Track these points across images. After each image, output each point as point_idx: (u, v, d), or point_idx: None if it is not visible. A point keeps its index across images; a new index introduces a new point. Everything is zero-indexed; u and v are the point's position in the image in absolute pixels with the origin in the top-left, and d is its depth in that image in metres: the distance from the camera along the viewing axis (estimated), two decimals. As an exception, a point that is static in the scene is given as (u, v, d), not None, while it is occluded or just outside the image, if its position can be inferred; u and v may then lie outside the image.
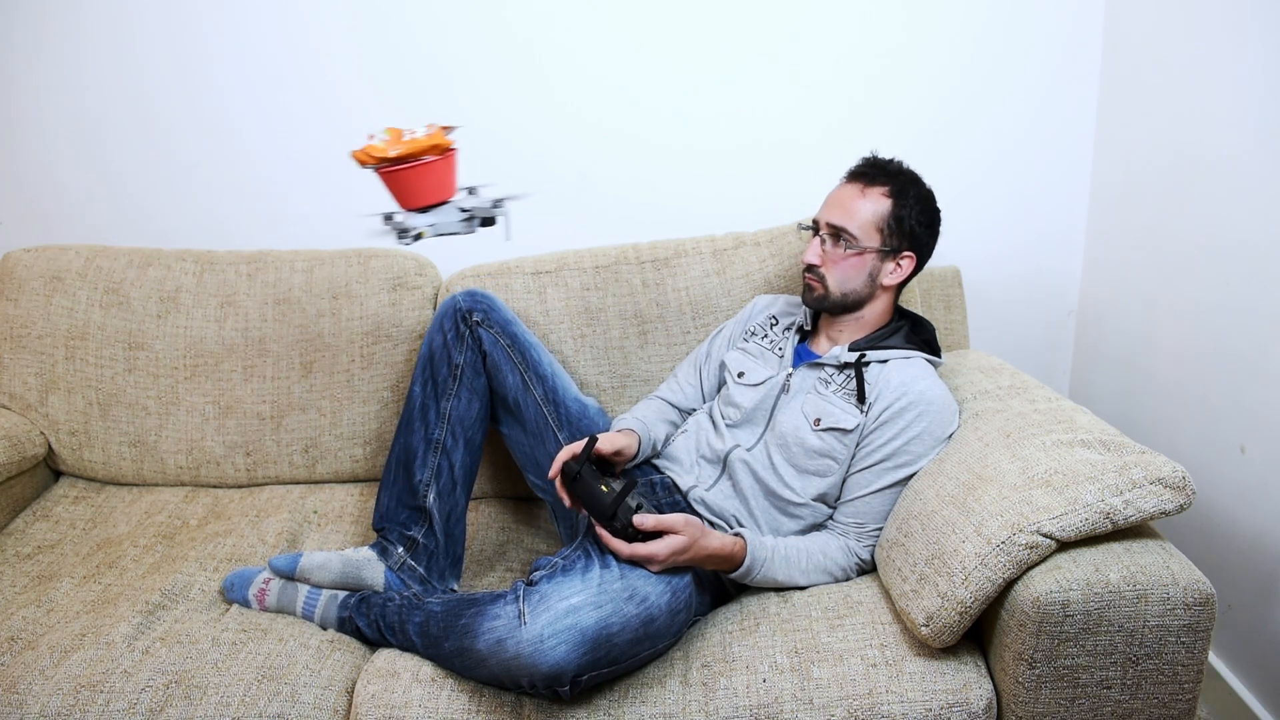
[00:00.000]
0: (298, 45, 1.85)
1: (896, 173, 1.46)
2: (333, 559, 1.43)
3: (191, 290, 1.78)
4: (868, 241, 1.43)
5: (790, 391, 1.46)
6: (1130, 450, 1.21)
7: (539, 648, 1.11)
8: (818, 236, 1.47)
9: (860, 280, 1.45)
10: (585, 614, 1.14)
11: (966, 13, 1.82)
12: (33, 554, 1.56)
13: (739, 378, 1.52)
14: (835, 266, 1.44)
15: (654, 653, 1.22)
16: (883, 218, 1.43)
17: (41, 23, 1.86)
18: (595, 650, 1.13)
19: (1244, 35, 1.44)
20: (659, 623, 1.20)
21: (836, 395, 1.42)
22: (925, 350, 1.46)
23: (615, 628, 1.15)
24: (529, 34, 1.81)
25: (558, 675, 1.11)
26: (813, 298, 1.48)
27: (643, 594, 1.19)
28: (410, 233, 1.26)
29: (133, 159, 1.93)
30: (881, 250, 1.43)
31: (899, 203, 1.43)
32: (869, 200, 1.43)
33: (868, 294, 1.46)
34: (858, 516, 1.39)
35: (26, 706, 1.20)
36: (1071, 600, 1.09)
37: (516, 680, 1.15)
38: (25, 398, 1.76)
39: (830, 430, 1.39)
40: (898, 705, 1.15)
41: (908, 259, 1.45)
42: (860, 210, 1.43)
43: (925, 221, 1.45)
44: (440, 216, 1.28)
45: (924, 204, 1.45)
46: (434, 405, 1.51)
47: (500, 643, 1.14)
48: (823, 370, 1.45)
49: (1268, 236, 1.40)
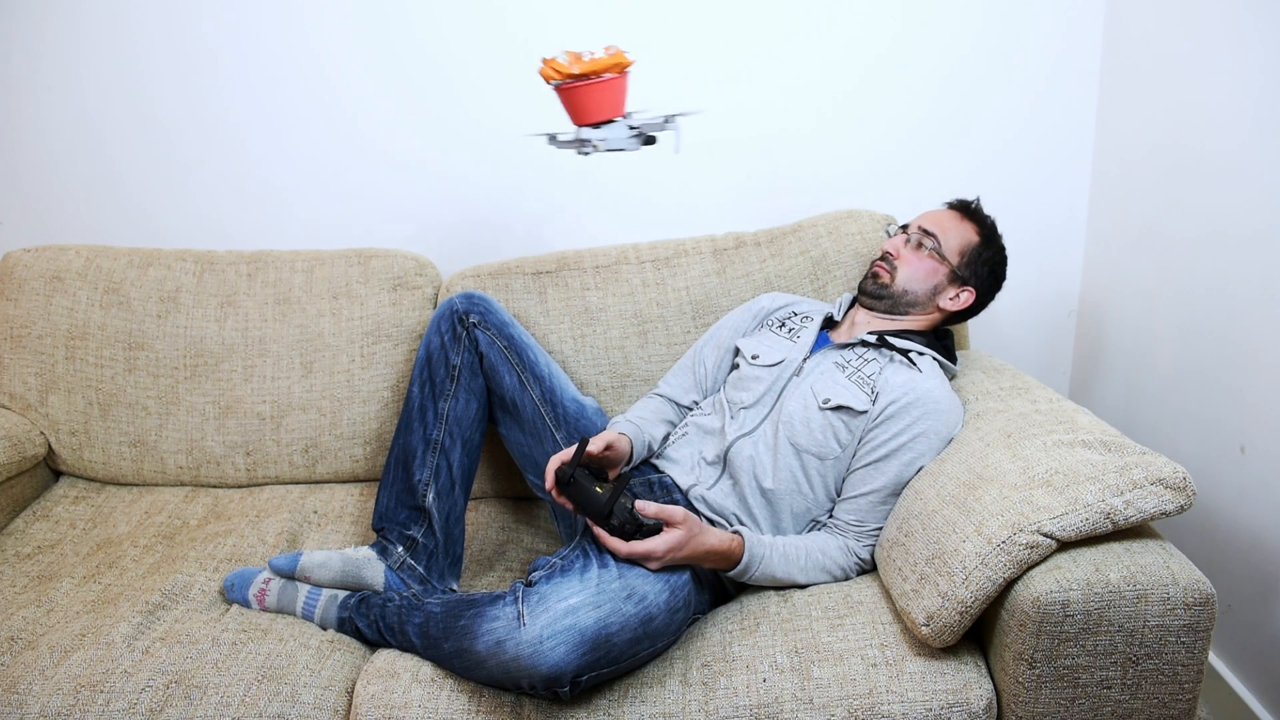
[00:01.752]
0: (298, 45, 1.85)
1: (989, 221, 1.57)
2: (333, 558, 1.43)
3: (191, 290, 1.78)
4: (950, 255, 1.52)
5: (802, 375, 1.47)
6: (1131, 451, 1.21)
7: (538, 649, 1.11)
8: (905, 234, 1.56)
9: (925, 287, 1.52)
10: (584, 614, 1.14)
11: (965, 8, 1.82)
12: (33, 554, 1.56)
13: (753, 359, 1.52)
14: (910, 263, 1.53)
15: (653, 651, 1.22)
16: (970, 246, 1.53)
17: (42, 22, 1.86)
18: (595, 650, 1.13)
19: (1244, 32, 1.44)
20: (658, 621, 1.20)
21: (850, 380, 1.43)
22: (941, 352, 1.50)
23: (614, 627, 1.15)
24: (526, 34, 1.81)
25: (557, 676, 1.11)
26: (877, 284, 1.53)
27: (641, 593, 1.19)
28: (587, 145, 1.32)
29: (133, 159, 1.93)
30: (955, 271, 1.52)
31: (985, 243, 1.54)
32: (965, 227, 1.55)
33: (924, 304, 1.53)
34: (858, 514, 1.38)
35: (26, 706, 1.19)
36: (1071, 600, 1.09)
37: (516, 681, 1.15)
38: (25, 398, 1.76)
39: (837, 410, 1.40)
40: (898, 705, 1.15)
41: (968, 293, 1.53)
42: (954, 230, 1.54)
43: (994, 273, 1.55)
44: (611, 132, 1.33)
45: (1000, 255, 1.56)
46: (432, 406, 1.51)
47: (499, 644, 1.14)
48: (840, 354, 1.48)
49: (1268, 235, 1.40)
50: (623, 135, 1.36)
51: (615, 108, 1.36)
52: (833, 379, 1.44)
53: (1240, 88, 1.45)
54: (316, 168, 1.91)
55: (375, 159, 1.93)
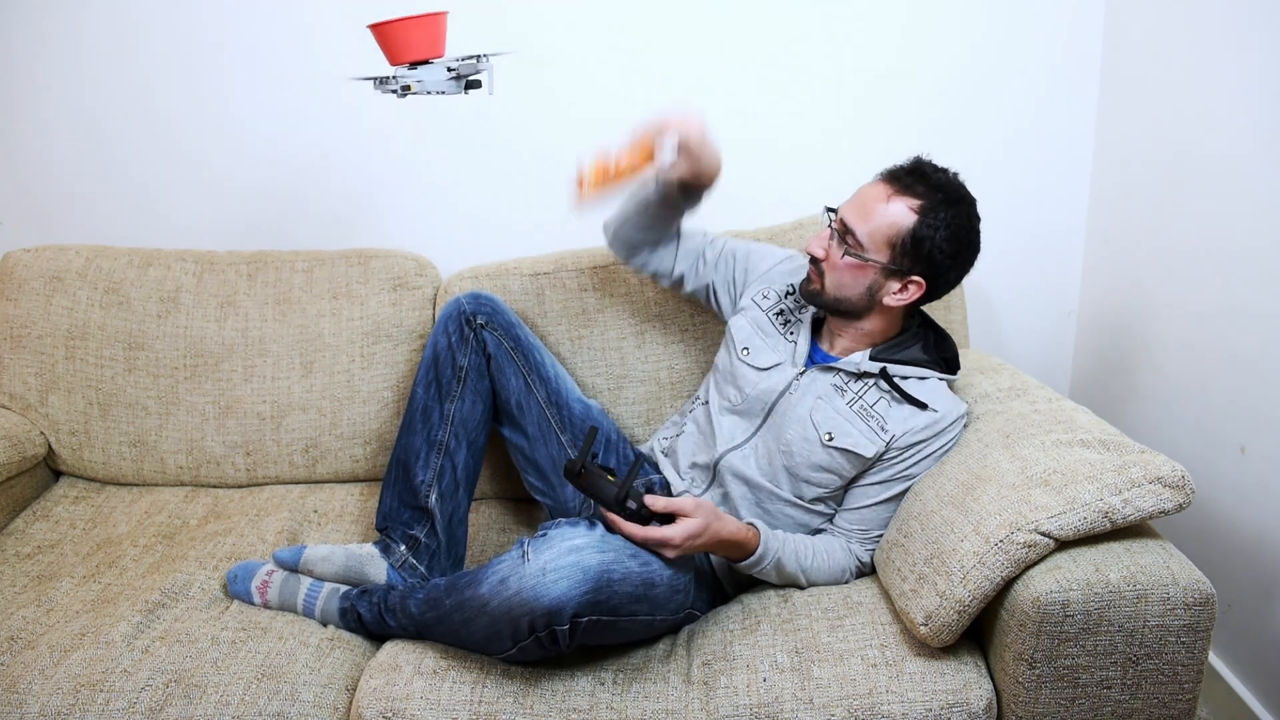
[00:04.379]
0: (301, 42, 1.85)
1: (937, 186, 1.29)
2: (336, 552, 1.44)
3: (191, 290, 1.78)
4: (873, 254, 1.29)
5: (797, 393, 1.39)
6: (1129, 450, 1.21)
7: (540, 580, 1.12)
8: (830, 227, 1.35)
9: (857, 291, 1.33)
10: (588, 554, 1.14)
11: (966, 13, 1.82)
12: (33, 554, 1.56)
13: (743, 354, 1.45)
14: (834, 268, 1.33)
15: (651, 622, 1.22)
16: (899, 233, 1.27)
17: (42, 22, 1.86)
18: (596, 591, 1.13)
19: (1244, 35, 1.44)
20: (659, 590, 1.20)
21: (852, 410, 1.35)
22: (942, 367, 1.39)
23: (617, 575, 1.15)
24: (530, 36, 1.81)
25: (558, 610, 1.11)
26: (808, 290, 1.38)
27: (645, 557, 1.21)
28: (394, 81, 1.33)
29: (133, 158, 1.93)
30: (887, 268, 1.30)
31: (925, 221, 1.27)
32: (892, 208, 1.28)
33: (865, 307, 1.35)
34: (861, 523, 1.38)
35: (26, 706, 1.20)
36: (1071, 600, 1.09)
37: (516, 623, 1.13)
38: (25, 398, 1.76)
39: (844, 451, 1.34)
40: (898, 705, 1.15)
41: (916, 284, 1.30)
42: (878, 216, 1.29)
43: (950, 250, 1.28)
44: (427, 74, 1.33)
45: (955, 230, 1.28)
46: (437, 407, 1.50)
47: (503, 581, 1.15)
48: (836, 376, 1.37)
49: (1268, 236, 1.40)
50: (440, 78, 1.36)
51: (432, 48, 1.36)
52: (833, 408, 1.35)
53: (1239, 89, 1.45)
54: (317, 167, 1.91)
55: (376, 158, 1.92)
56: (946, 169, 1.33)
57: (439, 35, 1.34)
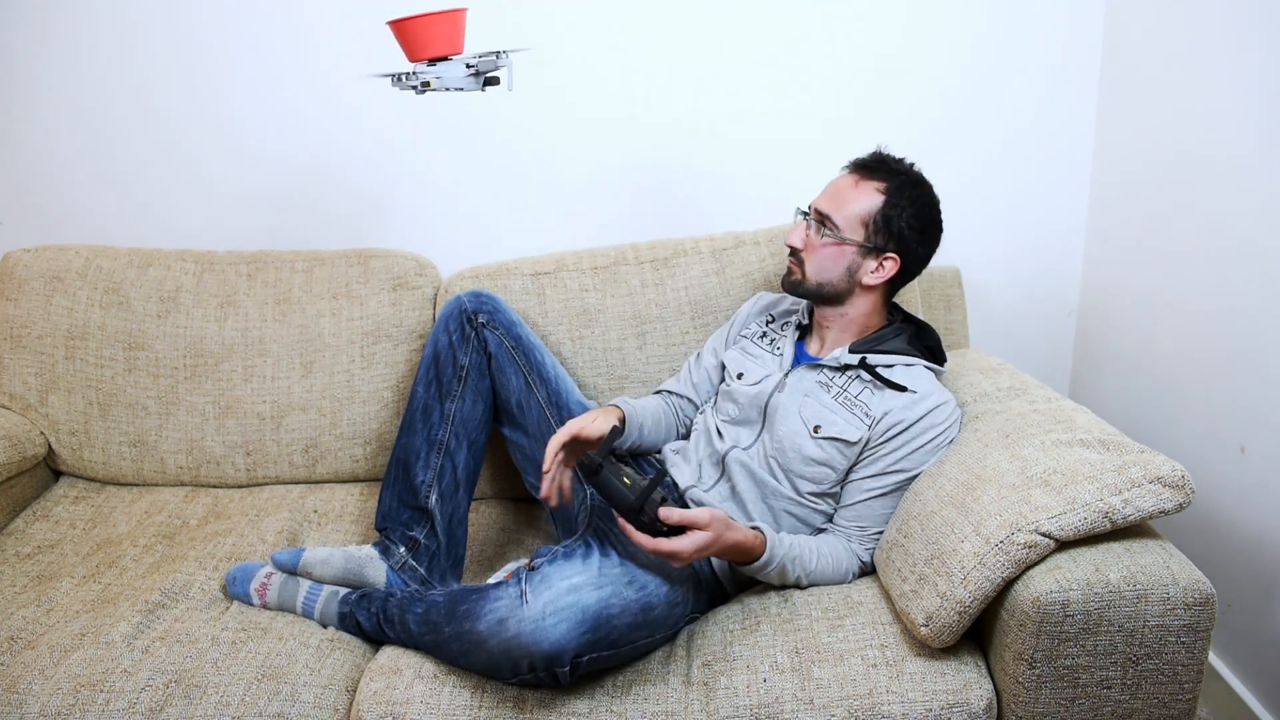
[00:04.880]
0: (301, 42, 1.85)
1: (898, 171, 1.42)
2: (335, 554, 1.44)
3: (191, 290, 1.78)
4: (850, 234, 1.40)
5: (786, 391, 1.43)
6: (1129, 449, 1.21)
7: (540, 625, 1.11)
8: (805, 220, 1.45)
9: (837, 272, 1.41)
10: (586, 593, 1.14)
11: (967, 12, 1.82)
12: (33, 554, 1.56)
13: (738, 378, 1.51)
14: (814, 254, 1.42)
15: (651, 643, 1.23)
16: (870, 213, 1.39)
17: (42, 21, 1.86)
18: (595, 630, 1.13)
19: (1244, 35, 1.44)
20: (657, 611, 1.21)
21: (838, 402, 1.39)
22: (928, 357, 1.44)
23: (615, 609, 1.15)
24: (530, 35, 1.81)
25: (558, 654, 1.11)
26: (790, 281, 1.46)
27: (642, 581, 1.21)
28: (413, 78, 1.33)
29: (133, 159, 1.93)
30: (863, 246, 1.40)
31: (891, 201, 1.39)
32: (861, 193, 1.40)
33: (846, 289, 1.43)
34: (859, 520, 1.38)
35: (26, 706, 1.20)
36: (1071, 600, 1.09)
37: (516, 662, 1.14)
38: (25, 398, 1.76)
39: (831, 440, 1.38)
40: (898, 705, 1.15)
41: (891, 260, 1.41)
42: (850, 201, 1.40)
43: (917, 226, 1.40)
44: (446, 70, 1.34)
45: (919, 208, 1.41)
46: (438, 407, 1.50)
47: (501, 622, 1.14)
48: (821, 373, 1.43)
49: (1268, 236, 1.40)
50: (459, 74, 1.36)
51: (451, 44, 1.36)
52: (819, 402, 1.40)
53: (1240, 89, 1.45)
54: (317, 167, 1.91)
55: (376, 158, 1.92)
56: (904, 158, 1.45)
57: (459, 32, 1.34)
